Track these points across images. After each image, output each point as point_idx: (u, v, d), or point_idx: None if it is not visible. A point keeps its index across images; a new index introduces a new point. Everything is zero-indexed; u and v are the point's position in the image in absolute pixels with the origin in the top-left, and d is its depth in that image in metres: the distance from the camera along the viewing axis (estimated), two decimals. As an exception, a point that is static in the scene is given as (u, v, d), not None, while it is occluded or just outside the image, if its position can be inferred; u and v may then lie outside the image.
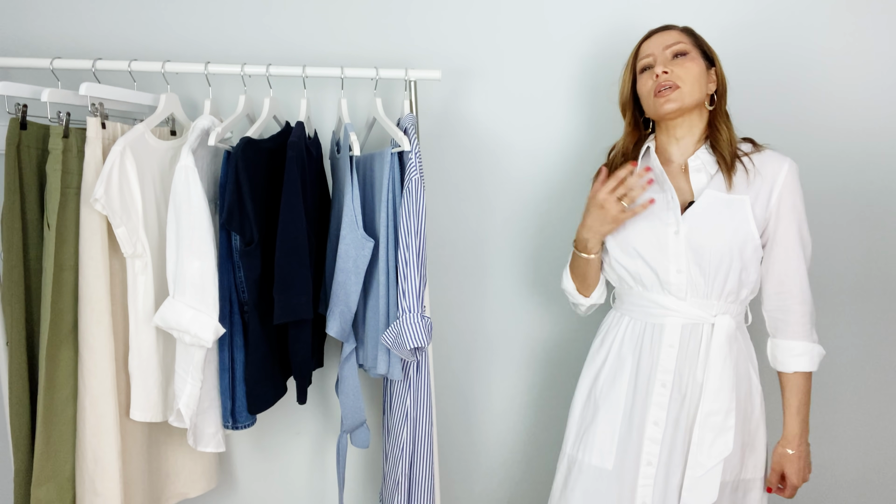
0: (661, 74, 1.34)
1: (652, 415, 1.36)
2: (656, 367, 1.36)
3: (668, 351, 1.35)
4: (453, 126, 1.85)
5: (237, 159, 1.39)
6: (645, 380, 1.37)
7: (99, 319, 1.37)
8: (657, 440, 1.35)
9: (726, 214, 1.32)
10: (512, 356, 1.97)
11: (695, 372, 1.34)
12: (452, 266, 1.92)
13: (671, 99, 1.33)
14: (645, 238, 1.36)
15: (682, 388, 1.35)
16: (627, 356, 1.40)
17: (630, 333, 1.41)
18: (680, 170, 1.40)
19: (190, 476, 1.67)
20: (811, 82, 1.84)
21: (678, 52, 1.37)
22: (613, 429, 1.39)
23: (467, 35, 1.82)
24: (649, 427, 1.36)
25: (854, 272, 1.91)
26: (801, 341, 1.36)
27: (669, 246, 1.34)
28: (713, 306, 1.35)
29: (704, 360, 1.34)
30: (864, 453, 1.99)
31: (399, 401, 1.58)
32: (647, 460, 1.35)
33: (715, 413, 1.32)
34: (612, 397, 1.40)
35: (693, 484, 1.32)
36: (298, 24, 1.78)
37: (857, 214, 1.89)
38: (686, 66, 1.35)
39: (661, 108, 1.35)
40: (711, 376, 1.32)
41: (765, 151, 1.38)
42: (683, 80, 1.34)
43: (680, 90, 1.33)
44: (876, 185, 1.87)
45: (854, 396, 1.96)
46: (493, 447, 2.01)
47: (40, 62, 1.47)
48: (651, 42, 1.40)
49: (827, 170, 1.87)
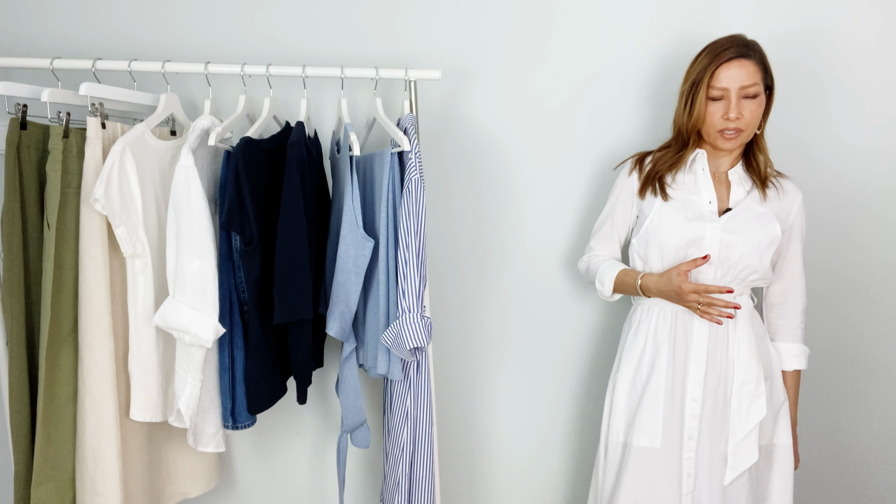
0: (732, 119, 1.43)
1: (690, 392, 1.50)
2: (690, 349, 1.50)
3: (699, 332, 1.50)
4: (453, 126, 1.85)
5: (237, 159, 1.39)
6: (682, 362, 1.51)
7: (99, 319, 1.37)
8: (696, 416, 1.49)
9: (757, 221, 1.49)
10: (512, 356, 1.97)
11: (726, 349, 1.50)
12: (452, 266, 1.92)
13: (733, 140, 1.46)
14: (684, 234, 1.49)
15: (716, 364, 1.49)
16: (663, 343, 1.53)
17: (662, 321, 1.54)
18: (718, 179, 1.55)
19: (190, 476, 1.67)
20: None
21: (750, 94, 1.43)
22: (657, 410, 1.52)
23: (468, 35, 1.82)
24: (688, 404, 1.50)
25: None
26: (798, 344, 1.59)
27: (705, 240, 1.48)
28: (735, 290, 1.49)
29: (734, 337, 1.50)
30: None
31: (399, 401, 1.58)
32: (688, 434, 1.50)
33: (747, 382, 1.48)
34: (654, 382, 1.53)
35: (736, 448, 1.47)
36: (298, 24, 1.78)
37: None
38: (753, 111, 1.44)
39: (722, 146, 1.48)
40: (741, 350, 1.49)
41: (785, 179, 1.56)
42: (749, 124, 1.45)
43: (742, 134, 1.46)
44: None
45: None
46: (493, 447, 2.01)
47: (40, 62, 1.47)
48: (729, 74, 1.43)
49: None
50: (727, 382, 1.49)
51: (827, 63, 1.83)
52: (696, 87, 1.46)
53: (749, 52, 1.44)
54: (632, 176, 1.61)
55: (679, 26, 1.81)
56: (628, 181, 1.62)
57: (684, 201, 1.52)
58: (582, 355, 1.97)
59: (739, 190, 1.52)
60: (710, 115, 1.46)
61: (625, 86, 1.84)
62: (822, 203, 1.89)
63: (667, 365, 1.52)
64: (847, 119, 1.85)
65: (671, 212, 1.52)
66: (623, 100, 1.84)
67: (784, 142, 1.84)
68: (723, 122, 1.44)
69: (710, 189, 1.52)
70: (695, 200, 1.52)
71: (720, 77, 1.43)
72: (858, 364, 1.96)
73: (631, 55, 1.83)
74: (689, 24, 1.80)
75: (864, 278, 1.92)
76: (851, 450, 2.01)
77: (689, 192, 1.53)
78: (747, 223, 1.48)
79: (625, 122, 1.85)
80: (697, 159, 1.54)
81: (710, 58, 1.45)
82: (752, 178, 1.53)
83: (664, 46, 1.82)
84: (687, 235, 1.49)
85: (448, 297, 1.93)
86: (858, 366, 1.96)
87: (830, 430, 1.99)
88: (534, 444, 2.01)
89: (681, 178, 1.55)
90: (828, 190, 1.88)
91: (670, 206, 1.53)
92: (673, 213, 1.51)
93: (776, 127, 1.82)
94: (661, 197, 1.54)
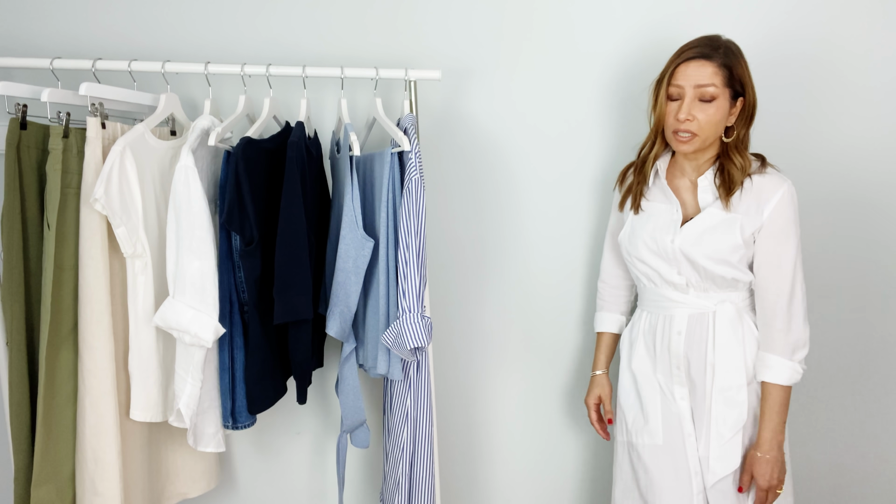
0: (682, 121, 1.40)
1: (678, 392, 1.52)
2: (669, 352, 1.52)
3: (676, 338, 1.51)
4: (453, 126, 1.85)
5: (237, 159, 1.39)
6: (665, 364, 1.53)
7: (99, 319, 1.37)
8: (688, 417, 1.51)
9: (720, 229, 1.44)
10: (512, 356, 1.97)
11: (705, 354, 1.49)
12: (452, 266, 1.92)
13: (687, 143, 1.43)
14: (649, 246, 1.52)
15: (695, 369, 1.49)
16: (651, 345, 1.57)
17: (648, 325, 1.58)
18: (690, 185, 1.52)
19: (190, 476, 1.67)
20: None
21: (706, 96, 1.39)
22: (656, 408, 1.54)
23: (467, 35, 1.82)
24: (679, 402, 1.52)
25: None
26: (775, 356, 1.44)
27: (668, 252, 1.49)
28: (714, 297, 1.49)
29: (712, 344, 1.48)
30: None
31: (399, 401, 1.58)
32: (688, 431, 1.50)
33: (727, 389, 1.47)
34: (651, 383, 1.56)
35: (718, 453, 1.47)
36: (298, 24, 1.78)
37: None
38: (708, 113, 1.40)
39: (676, 148, 1.47)
40: (720, 357, 1.47)
41: (767, 173, 1.45)
42: (702, 127, 1.40)
43: (696, 138, 1.41)
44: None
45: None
46: (493, 447, 2.01)
47: (40, 62, 1.47)
48: (687, 72, 1.40)
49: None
50: (710, 388, 1.49)
51: (828, 62, 1.83)
52: (660, 85, 1.45)
53: (712, 53, 1.39)
54: (615, 190, 1.66)
55: (681, 24, 1.80)
56: (614, 195, 1.67)
57: (653, 212, 1.53)
58: (582, 355, 1.97)
59: (706, 196, 1.48)
60: (668, 115, 1.44)
61: (630, 85, 1.83)
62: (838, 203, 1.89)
63: (656, 367, 1.56)
64: (850, 118, 1.86)
65: (640, 223, 1.54)
66: (627, 100, 1.84)
67: (790, 143, 1.84)
68: (676, 122, 1.42)
69: (672, 197, 1.51)
70: (664, 210, 1.52)
71: (677, 75, 1.41)
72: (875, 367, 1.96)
73: (637, 54, 1.82)
74: (687, 22, 1.80)
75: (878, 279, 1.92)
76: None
77: (660, 201, 1.53)
78: (705, 233, 1.45)
79: (628, 122, 1.85)
80: (660, 166, 1.54)
81: (675, 56, 1.43)
82: (720, 185, 1.46)
83: (670, 45, 1.81)
84: (652, 247, 1.51)
85: (448, 297, 1.93)
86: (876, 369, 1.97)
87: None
88: (534, 445, 2.01)
89: (653, 188, 1.56)
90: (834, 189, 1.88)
91: (640, 218, 1.55)
92: (642, 224, 1.53)
93: (778, 126, 1.82)
94: (632, 210, 1.57)
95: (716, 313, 1.48)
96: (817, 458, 2.00)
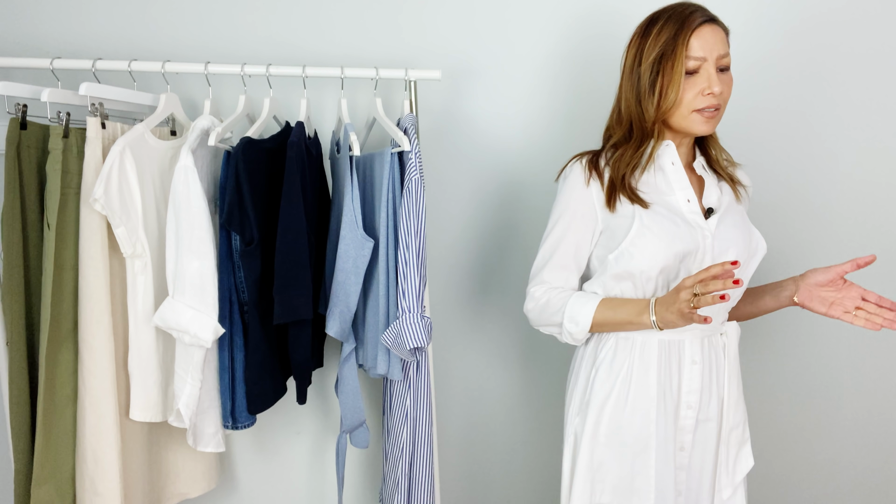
0: (716, 93, 1.19)
1: (679, 440, 1.26)
2: (681, 389, 1.25)
3: (691, 368, 1.25)
4: (453, 126, 1.85)
5: (237, 159, 1.39)
6: (672, 404, 1.26)
7: (99, 319, 1.37)
8: (684, 467, 1.27)
9: (742, 223, 1.28)
10: (512, 356, 1.97)
11: (720, 387, 1.26)
12: (452, 266, 1.92)
13: (714, 120, 1.22)
14: (682, 246, 1.22)
15: (708, 406, 1.26)
16: (650, 383, 1.25)
17: (646, 356, 1.26)
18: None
19: (190, 476, 1.67)
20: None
21: (725, 66, 1.22)
22: (649, 465, 1.25)
23: (467, 35, 1.82)
24: (677, 454, 1.27)
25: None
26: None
27: (699, 252, 1.22)
28: (723, 313, 1.29)
29: (725, 372, 1.26)
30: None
31: (399, 401, 1.58)
32: (677, 490, 1.28)
33: (735, 427, 1.27)
34: (643, 431, 1.26)
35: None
36: (298, 24, 1.78)
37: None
38: (728, 84, 1.23)
39: (699, 128, 1.22)
40: (732, 388, 1.26)
41: (741, 167, 1.38)
42: (724, 100, 1.22)
43: (719, 113, 1.23)
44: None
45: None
46: (492, 447, 2.01)
47: (40, 62, 1.47)
48: (703, 40, 1.18)
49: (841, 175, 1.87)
50: (716, 428, 1.27)
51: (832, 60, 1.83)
52: (665, 63, 1.20)
53: (715, 16, 1.22)
54: (591, 186, 1.30)
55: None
56: (586, 193, 1.30)
57: (666, 206, 1.26)
58: (582, 355, 1.97)
59: (713, 185, 1.29)
60: (687, 91, 1.21)
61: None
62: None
63: (654, 409, 1.25)
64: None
65: (658, 221, 1.23)
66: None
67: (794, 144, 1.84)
68: (702, 99, 1.19)
69: (686, 187, 1.27)
70: (671, 203, 1.26)
71: (693, 45, 1.18)
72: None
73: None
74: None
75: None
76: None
77: (662, 193, 1.27)
78: (736, 226, 1.26)
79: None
80: (664, 153, 1.28)
81: (677, 25, 1.19)
82: (719, 172, 1.31)
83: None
84: (682, 247, 1.22)
85: (448, 297, 1.93)
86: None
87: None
88: (534, 445, 2.01)
89: (645, 179, 1.29)
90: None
91: (655, 213, 1.24)
92: (660, 222, 1.23)
93: (781, 125, 1.82)
94: (639, 205, 1.25)
95: (726, 335, 1.28)
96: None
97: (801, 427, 1.98)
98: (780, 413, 1.97)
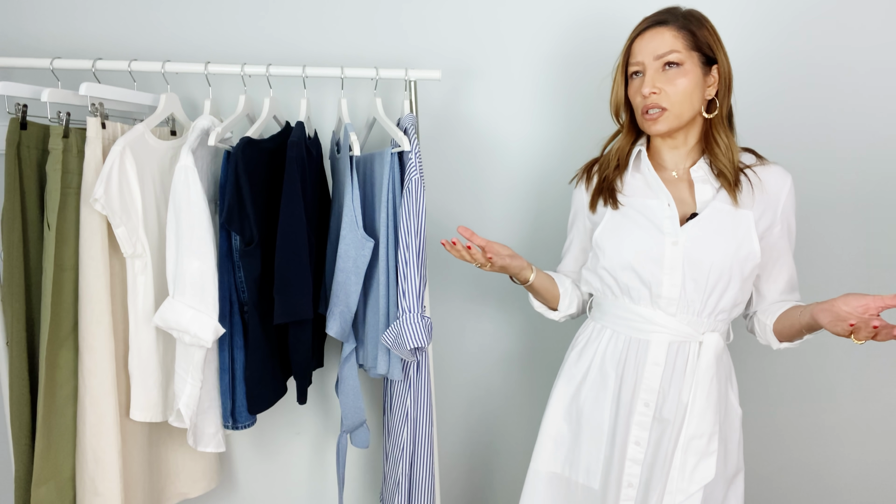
0: (648, 95, 1.24)
1: (633, 434, 1.29)
2: (640, 386, 1.29)
3: (652, 369, 1.28)
4: (453, 126, 1.85)
5: (237, 159, 1.39)
6: (628, 398, 1.30)
7: (99, 319, 1.37)
8: (639, 461, 1.29)
9: (730, 229, 1.25)
10: (512, 356, 1.97)
11: (680, 392, 1.27)
12: (452, 266, 1.92)
13: (658, 121, 1.25)
14: (640, 248, 1.27)
15: (666, 408, 1.28)
16: (610, 372, 1.33)
17: (612, 348, 1.33)
18: (678, 178, 1.32)
19: (190, 476, 1.67)
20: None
21: (669, 62, 1.23)
22: (599, 448, 1.33)
23: (467, 35, 1.82)
24: (631, 447, 1.30)
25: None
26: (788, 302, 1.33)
27: (665, 258, 1.25)
28: (703, 324, 1.28)
29: (691, 381, 1.26)
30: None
31: (399, 401, 1.58)
32: (627, 481, 1.30)
33: (699, 436, 1.25)
34: (597, 415, 1.34)
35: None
36: (298, 25, 1.78)
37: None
38: (676, 83, 1.23)
39: (648, 129, 1.28)
40: (697, 398, 1.25)
41: (769, 165, 1.31)
42: (672, 100, 1.23)
43: (667, 113, 1.24)
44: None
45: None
46: (493, 447, 2.01)
47: (40, 62, 1.47)
48: (642, 45, 1.25)
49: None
50: (675, 432, 1.26)
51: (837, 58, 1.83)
52: (616, 69, 1.31)
53: (668, 18, 1.24)
54: (579, 188, 1.44)
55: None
56: (578, 195, 1.44)
57: (638, 208, 1.30)
58: (582, 355, 1.97)
59: (706, 189, 1.28)
60: (633, 94, 1.28)
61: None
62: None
63: (612, 399, 1.32)
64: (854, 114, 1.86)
65: (621, 221, 1.31)
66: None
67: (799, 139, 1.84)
68: (641, 100, 1.25)
69: (662, 188, 1.28)
70: (652, 205, 1.29)
71: (634, 51, 1.26)
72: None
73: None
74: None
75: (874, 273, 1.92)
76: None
77: (645, 196, 1.31)
78: (716, 233, 1.24)
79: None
80: (641, 156, 1.34)
81: (630, 34, 1.29)
82: (718, 175, 1.28)
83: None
84: (640, 248, 1.26)
85: (448, 297, 1.93)
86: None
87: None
88: (533, 444, 2.01)
89: (630, 181, 1.34)
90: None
91: (621, 214, 1.31)
92: (623, 222, 1.30)
93: (783, 126, 1.82)
94: (610, 206, 1.33)
95: (702, 344, 1.27)
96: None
97: (799, 429, 1.98)
98: (779, 414, 1.97)
